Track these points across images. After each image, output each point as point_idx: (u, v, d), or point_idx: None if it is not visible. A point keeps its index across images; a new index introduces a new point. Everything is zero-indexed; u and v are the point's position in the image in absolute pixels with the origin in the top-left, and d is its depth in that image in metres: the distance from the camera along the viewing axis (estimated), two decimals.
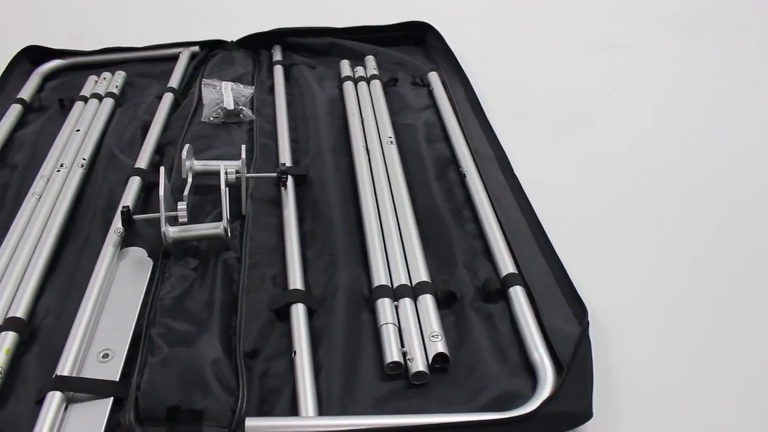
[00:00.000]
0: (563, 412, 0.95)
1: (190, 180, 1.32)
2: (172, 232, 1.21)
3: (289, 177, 1.40)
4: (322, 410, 0.98)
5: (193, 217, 1.24)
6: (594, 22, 2.29)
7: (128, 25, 2.26)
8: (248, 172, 1.36)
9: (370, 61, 1.90)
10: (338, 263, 1.22)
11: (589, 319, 1.08)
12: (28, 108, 1.74)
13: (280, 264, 1.24)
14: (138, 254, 1.25)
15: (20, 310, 1.13)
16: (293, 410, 0.98)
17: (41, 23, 2.28)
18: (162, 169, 1.25)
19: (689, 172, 1.55)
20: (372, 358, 1.06)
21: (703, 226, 1.40)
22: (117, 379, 1.01)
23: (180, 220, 1.21)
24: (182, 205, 1.22)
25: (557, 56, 2.08)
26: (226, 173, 1.29)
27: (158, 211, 1.21)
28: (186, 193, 1.28)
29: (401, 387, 1.02)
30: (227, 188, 1.25)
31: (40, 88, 1.84)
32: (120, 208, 1.26)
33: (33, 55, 1.92)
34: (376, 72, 1.84)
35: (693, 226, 1.40)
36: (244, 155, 1.32)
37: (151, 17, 2.34)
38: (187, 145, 1.36)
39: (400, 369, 1.03)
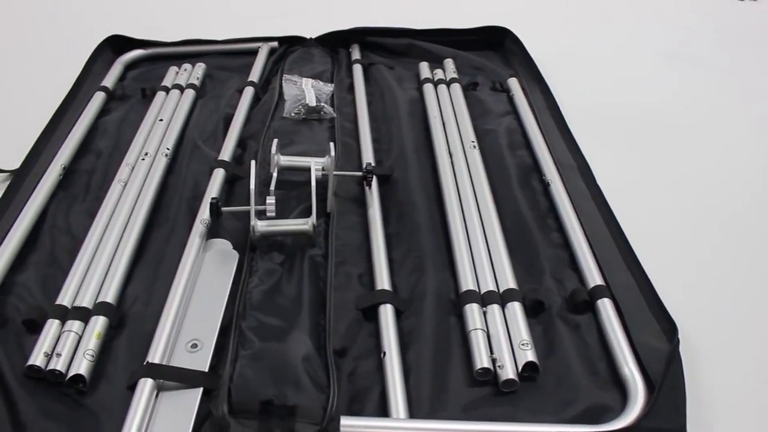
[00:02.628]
0: (658, 429, 0.94)
1: (275, 175, 1.32)
2: (260, 226, 1.21)
3: (374, 176, 1.39)
4: (412, 413, 0.97)
5: (278, 212, 1.24)
6: (675, 34, 2.26)
7: (204, 19, 2.28)
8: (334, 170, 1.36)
9: (450, 64, 1.88)
10: (425, 266, 1.22)
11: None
12: (111, 96, 1.76)
13: (365, 263, 1.24)
14: (223, 246, 1.25)
15: (110, 296, 1.14)
16: (382, 411, 0.98)
17: (120, 14, 2.30)
18: (253, 162, 1.26)
19: None
20: (460, 363, 1.06)
21: None
22: (206, 370, 1.01)
23: (268, 214, 1.22)
24: (271, 200, 1.22)
25: (637, 66, 2.05)
26: (315, 170, 1.29)
27: (241, 204, 1.22)
28: (272, 187, 1.28)
29: (490, 394, 1.02)
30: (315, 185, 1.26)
31: (122, 77, 1.86)
32: (209, 200, 1.26)
33: (115, 45, 1.94)
34: (455, 75, 1.82)
35: None
36: (333, 153, 1.31)
37: (226, 11, 2.36)
38: (275, 140, 1.36)
39: (489, 375, 1.02)
